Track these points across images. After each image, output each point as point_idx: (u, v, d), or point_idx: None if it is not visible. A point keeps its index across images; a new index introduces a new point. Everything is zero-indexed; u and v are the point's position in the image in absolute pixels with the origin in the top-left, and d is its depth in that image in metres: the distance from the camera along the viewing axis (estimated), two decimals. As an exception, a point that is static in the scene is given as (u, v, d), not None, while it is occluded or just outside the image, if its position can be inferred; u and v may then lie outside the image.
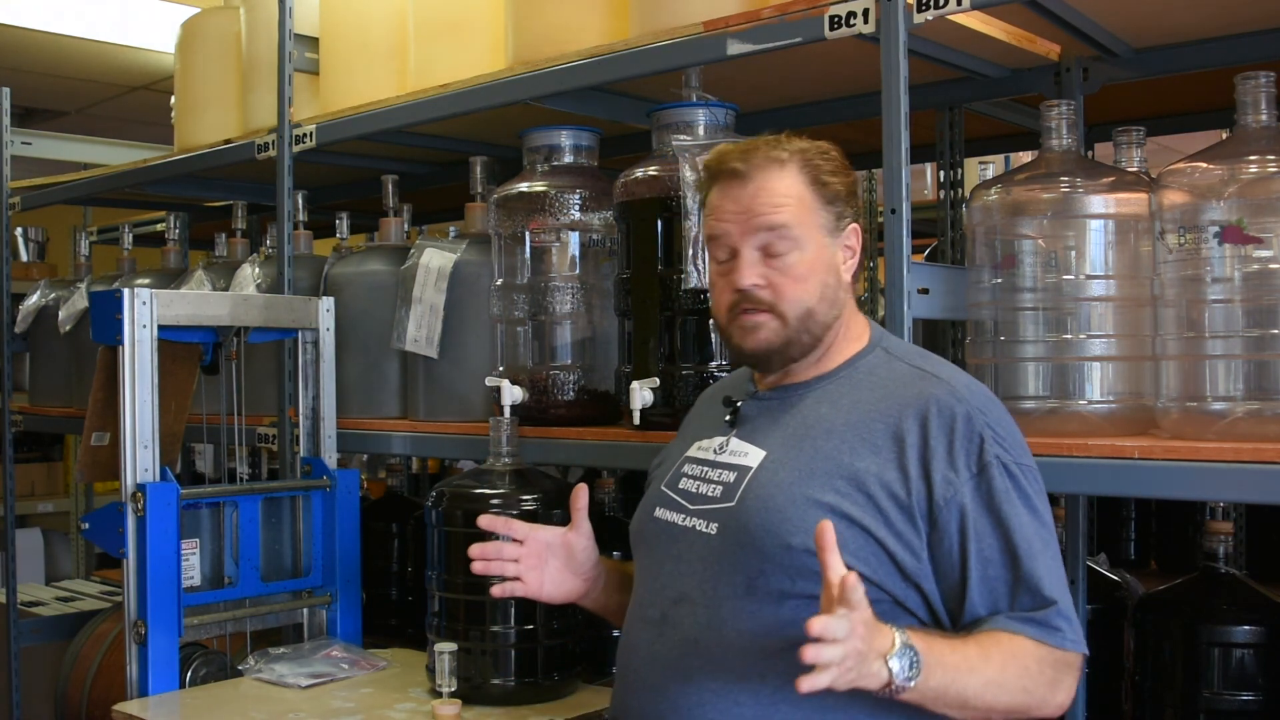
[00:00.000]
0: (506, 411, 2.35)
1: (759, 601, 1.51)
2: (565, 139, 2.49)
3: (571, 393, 2.42)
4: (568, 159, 2.48)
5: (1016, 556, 1.46)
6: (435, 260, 2.66)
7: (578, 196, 2.41)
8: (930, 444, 1.49)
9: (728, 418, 1.68)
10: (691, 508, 1.63)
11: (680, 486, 1.67)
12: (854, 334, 1.65)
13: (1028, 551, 1.46)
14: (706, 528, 1.59)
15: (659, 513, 1.67)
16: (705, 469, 1.65)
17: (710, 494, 1.62)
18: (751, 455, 1.61)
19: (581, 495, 1.81)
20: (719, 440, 1.67)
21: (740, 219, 1.59)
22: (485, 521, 1.82)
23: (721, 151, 1.65)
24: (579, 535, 1.80)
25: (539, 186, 2.44)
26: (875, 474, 1.50)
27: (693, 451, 1.70)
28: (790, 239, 1.58)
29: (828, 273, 1.60)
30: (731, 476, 1.60)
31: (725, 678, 1.51)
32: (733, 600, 1.53)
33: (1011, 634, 1.45)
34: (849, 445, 1.53)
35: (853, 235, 1.63)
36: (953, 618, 1.50)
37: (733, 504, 1.58)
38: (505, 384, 2.38)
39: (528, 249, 2.46)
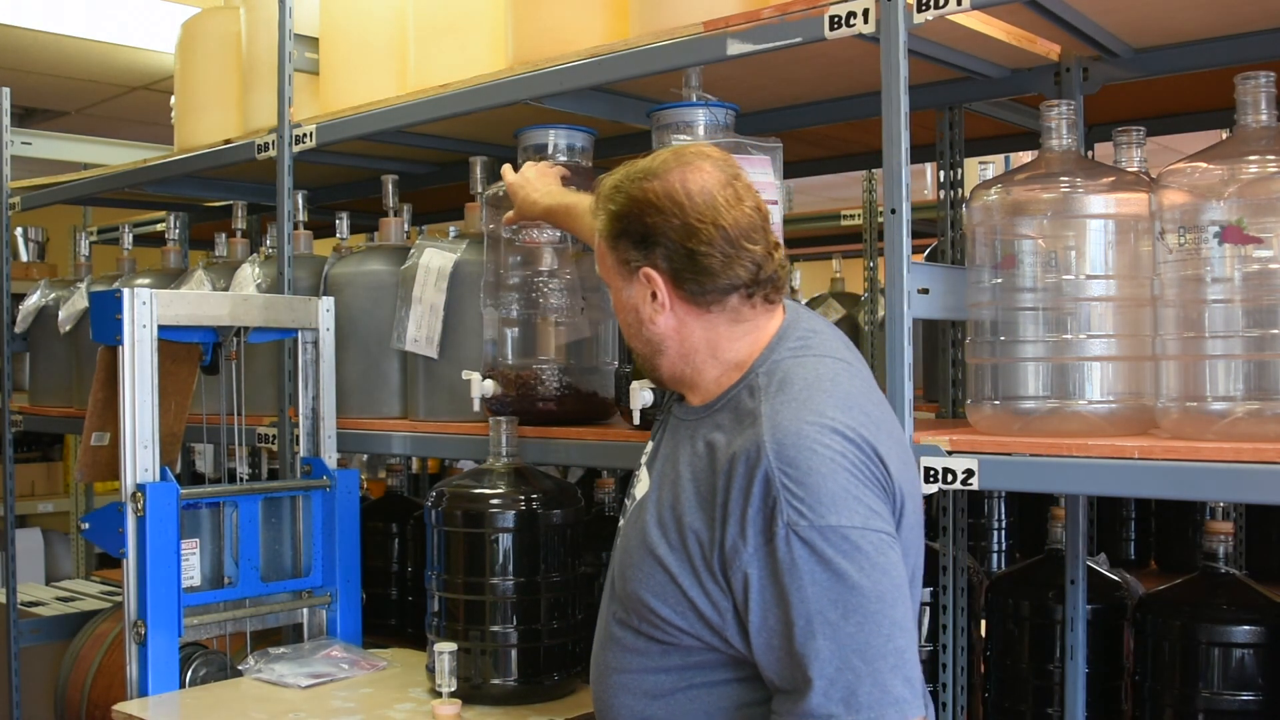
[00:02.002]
0: (476, 405, 2.38)
1: (623, 629, 1.59)
2: (559, 138, 2.49)
3: (556, 389, 2.42)
4: (561, 158, 2.48)
5: (791, 633, 1.38)
6: (435, 260, 2.66)
7: None
8: (729, 505, 1.44)
9: (654, 431, 1.74)
10: (628, 506, 1.69)
11: (631, 489, 1.72)
12: (731, 363, 1.58)
13: (804, 629, 1.36)
14: (620, 540, 1.66)
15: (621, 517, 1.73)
16: (634, 480, 1.71)
17: (629, 508, 1.68)
18: (640, 487, 1.66)
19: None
20: (649, 449, 1.72)
21: None
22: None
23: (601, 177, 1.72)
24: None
25: None
26: (696, 529, 1.48)
27: (643, 456, 1.73)
28: (604, 279, 1.68)
29: (626, 313, 1.62)
30: (634, 501, 1.66)
31: (618, 696, 1.58)
32: (611, 620, 1.62)
33: None
34: (687, 495, 1.51)
35: (646, 280, 1.56)
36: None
37: (622, 530, 1.66)
38: (475, 377, 2.40)
39: (518, 246, 2.46)
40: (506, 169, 2.35)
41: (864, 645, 1.35)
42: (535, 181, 2.27)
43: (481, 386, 2.39)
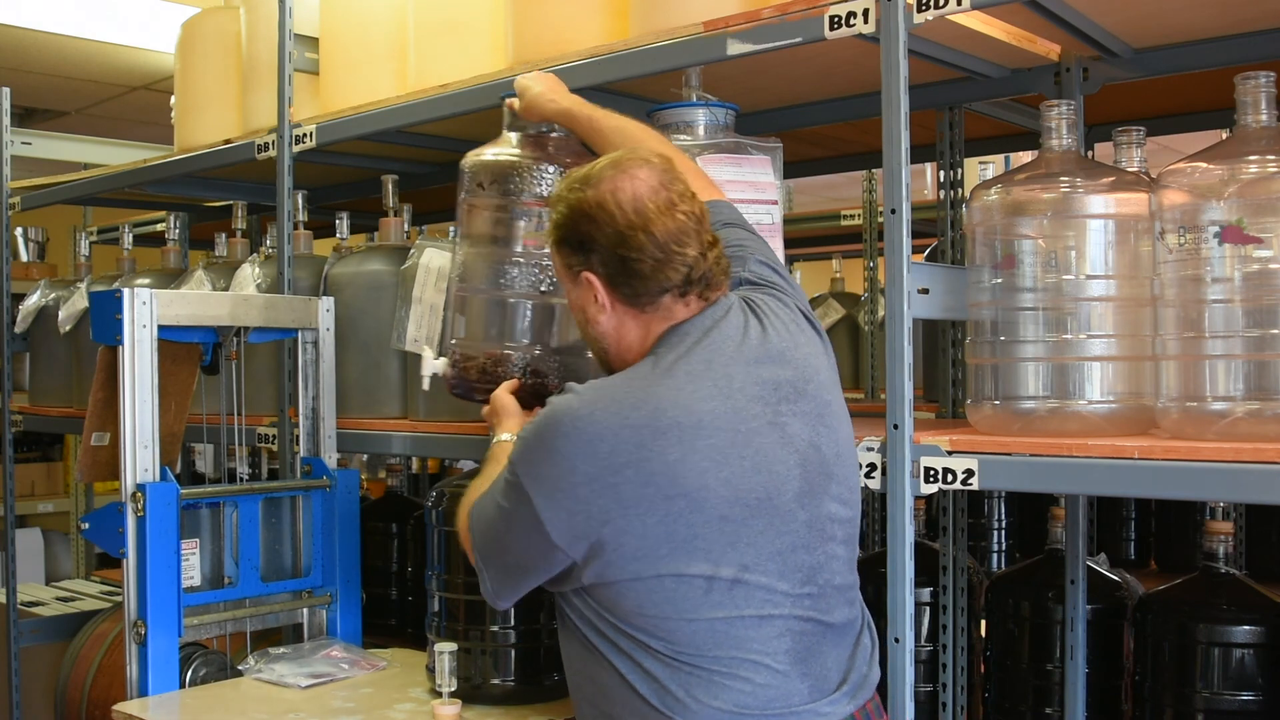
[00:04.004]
0: (426, 384, 2.25)
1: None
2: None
3: (517, 373, 2.18)
4: (544, 128, 2.22)
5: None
6: (435, 260, 2.66)
7: (551, 170, 2.16)
8: None
9: None
10: None
11: None
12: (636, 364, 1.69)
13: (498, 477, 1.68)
14: None
15: None
16: None
17: None
18: None
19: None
20: None
21: None
22: None
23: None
24: None
25: (507, 155, 2.19)
26: None
27: None
28: (559, 279, 1.77)
29: (576, 312, 1.73)
30: None
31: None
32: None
33: None
34: None
35: (587, 284, 1.66)
36: None
37: None
38: (427, 352, 2.26)
39: (489, 219, 2.22)
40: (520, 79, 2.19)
41: (490, 522, 1.67)
42: (549, 88, 2.16)
43: (433, 364, 2.21)
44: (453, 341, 2.20)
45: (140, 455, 2.36)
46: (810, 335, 1.73)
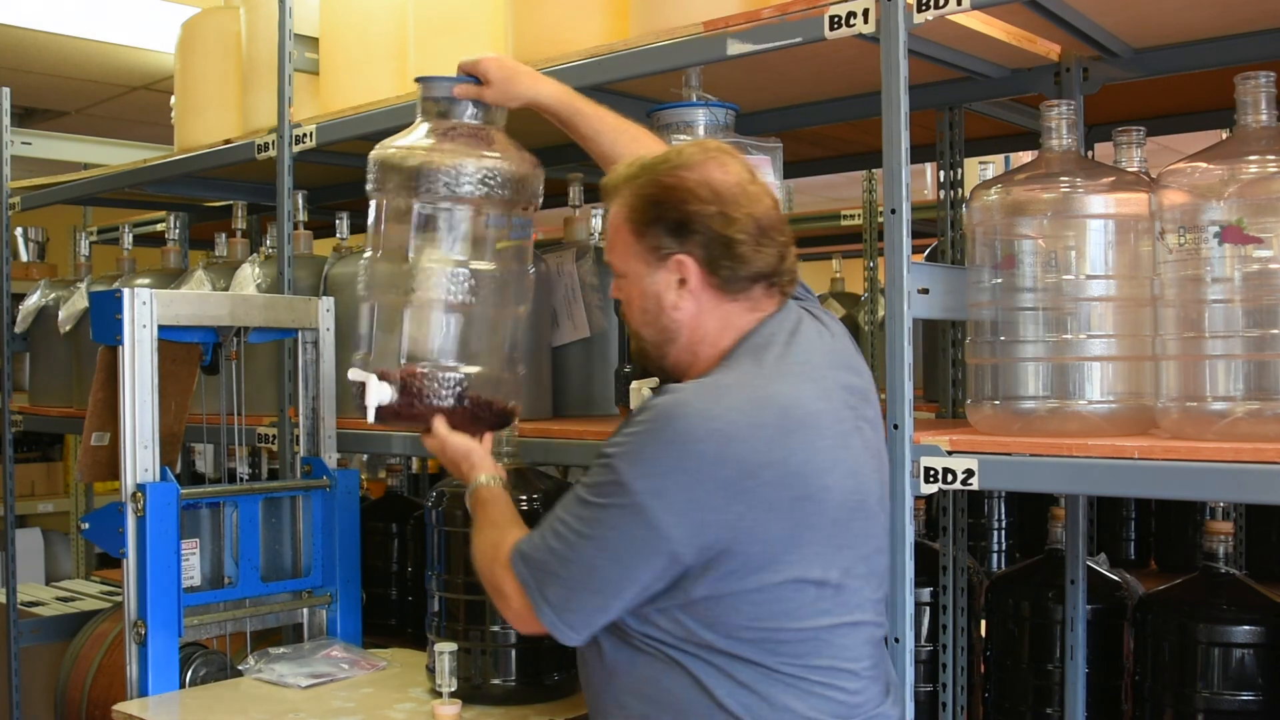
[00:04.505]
0: (370, 416, 1.92)
1: None
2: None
3: (448, 398, 1.93)
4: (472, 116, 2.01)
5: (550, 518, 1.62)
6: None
7: (478, 167, 1.92)
8: None
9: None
10: None
11: None
12: (717, 355, 1.65)
13: (549, 516, 1.62)
14: None
15: None
16: None
17: None
18: None
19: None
20: None
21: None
22: None
23: (613, 168, 1.75)
24: None
25: (422, 147, 1.95)
26: None
27: None
28: (616, 268, 1.71)
29: (645, 300, 1.67)
30: None
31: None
32: None
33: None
34: None
35: (676, 268, 1.62)
36: None
37: None
38: (372, 380, 1.91)
39: (413, 216, 1.94)
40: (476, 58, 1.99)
41: (564, 544, 1.58)
42: (520, 67, 2.01)
43: (379, 391, 1.90)
44: (402, 361, 1.92)
45: (140, 455, 2.36)
46: (856, 346, 1.77)
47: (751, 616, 1.52)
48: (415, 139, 1.99)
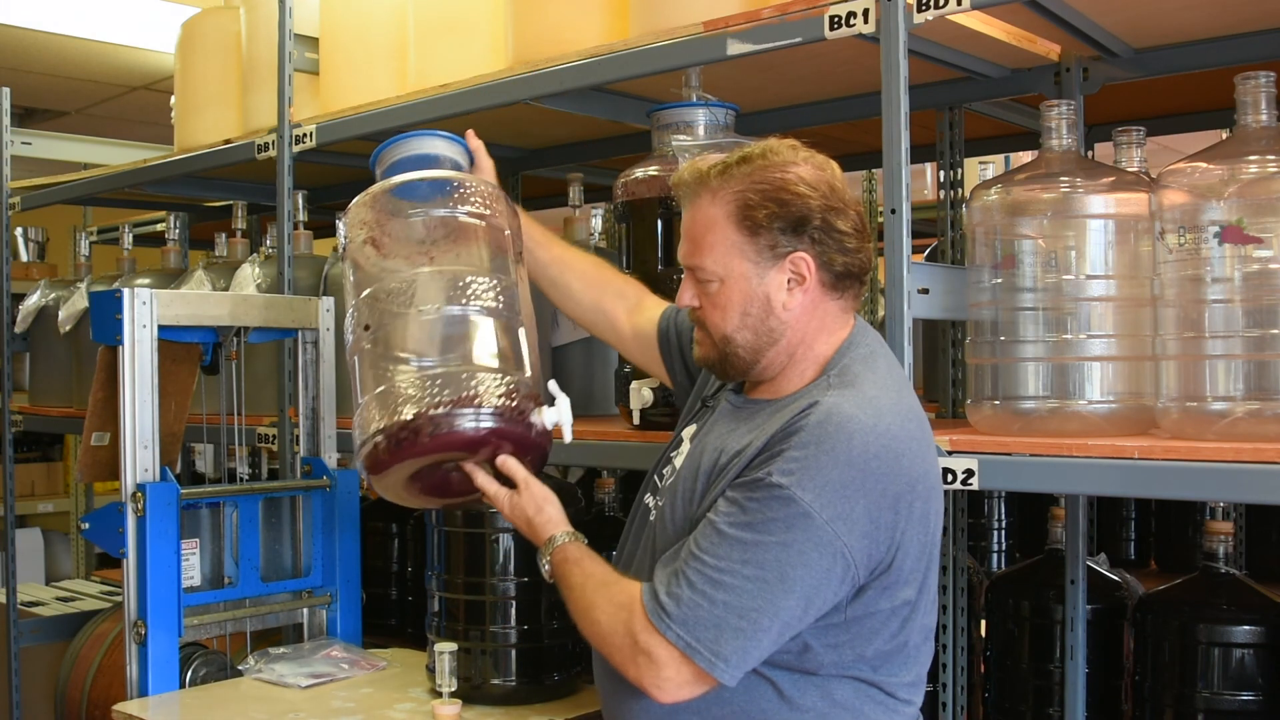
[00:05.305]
0: (568, 435, 1.83)
1: None
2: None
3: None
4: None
5: (701, 532, 1.48)
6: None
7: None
8: (766, 442, 1.49)
9: (697, 410, 1.75)
10: (660, 485, 1.70)
11: (661, 469, 1.73)
12: (813, 360, 1.61)
13: (693, 549, 1.48)
14: (655, 505, 1.67)
15: (644, 497, 1.74)
16: (673, 454, 1.72)
17: (669, 475, 1.68)
18: (683, 449, 1.69)
19: (473, 137, 1.98)
20: (692, 429, 1.73)
21: (684, 240, 1.64)
22: None
23: (689, 164, 1.66)
24: (480, 172, 1.95)
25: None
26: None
27: (682, 434, 1.75)
28: (710, 269, 1.60)
29: (750, 303, 1.58)
30: (678, 464, 1.67)
31: None
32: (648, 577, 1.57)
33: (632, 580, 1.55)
34: (739, 464, 1.53)
35: (792, 266, 1.57)
36: None
37: (668, 488, 1.65)
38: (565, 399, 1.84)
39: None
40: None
41: (734, 593, 1.42)
42: None
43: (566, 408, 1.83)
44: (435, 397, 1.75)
45: (140, 455, 2.36)
46: None
47: (889, 633, 1.49)
48: None
